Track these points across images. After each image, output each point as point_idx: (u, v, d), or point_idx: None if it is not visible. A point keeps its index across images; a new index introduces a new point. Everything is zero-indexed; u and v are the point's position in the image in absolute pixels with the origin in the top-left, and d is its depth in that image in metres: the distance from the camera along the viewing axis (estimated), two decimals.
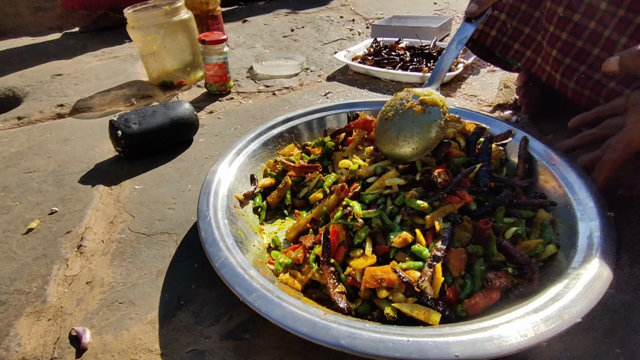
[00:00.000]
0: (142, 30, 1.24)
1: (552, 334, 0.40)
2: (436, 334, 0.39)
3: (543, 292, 0.45)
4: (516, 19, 0.84)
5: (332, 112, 0.88)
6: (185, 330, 0.52)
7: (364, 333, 0.40)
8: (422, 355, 0.37)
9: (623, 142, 0.59)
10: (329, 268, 0.50)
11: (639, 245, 0.61)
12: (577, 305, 0.42)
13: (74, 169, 0.87)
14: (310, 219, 0.63)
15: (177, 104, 0.93)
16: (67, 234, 0.68)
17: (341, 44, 1.78)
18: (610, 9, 0.66)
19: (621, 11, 0.65)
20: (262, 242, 0.64)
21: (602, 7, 0.67)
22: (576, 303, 0.42)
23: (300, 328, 0.41)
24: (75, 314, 0.54)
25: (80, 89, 1.34)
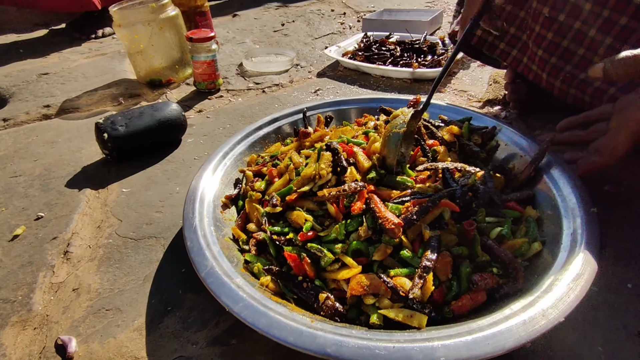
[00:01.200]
0: (128, 28, 1.22)
1: (536, 334, 0.40)
2: (422, 339, 0.40)
3: (527, 292, 0.45)
4: (501, 19, 0.83)
5: (318, 111, 0.87)
6: (172, 337, 0.52)
7: (350, 340, 0.40)
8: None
9: (609, 147, 0.60)
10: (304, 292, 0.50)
11: (623, 243, 0.62)
12: (560, 305, 0.43)
13: (61, 172, 0.86)
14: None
15: (164, 104, 0.92)
16: (53, 239, 0.68)
17: (332, 38, 1.77)
18: (594, 9, 0.66)
19: (606, 12, 0.65)
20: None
21: (586, 7, 0.67)
22: (559, 303, 0.43)
23: (287, 337, 0.41)
24: (61, 322, 0.54)
25: (67, 88, 1.33)
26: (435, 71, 1.20)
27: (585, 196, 0.57)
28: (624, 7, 0.64)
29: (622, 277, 0.57)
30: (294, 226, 0.57)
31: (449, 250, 0.52)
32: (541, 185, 0.63)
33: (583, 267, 0.47)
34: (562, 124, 0.70)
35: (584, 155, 0.64)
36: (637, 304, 0.53)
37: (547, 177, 0.63)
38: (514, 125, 0.97)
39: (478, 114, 0.82)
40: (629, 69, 0.52)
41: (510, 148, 0.74)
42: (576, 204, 0.55)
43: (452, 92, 1.19)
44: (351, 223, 0.54)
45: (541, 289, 0.45)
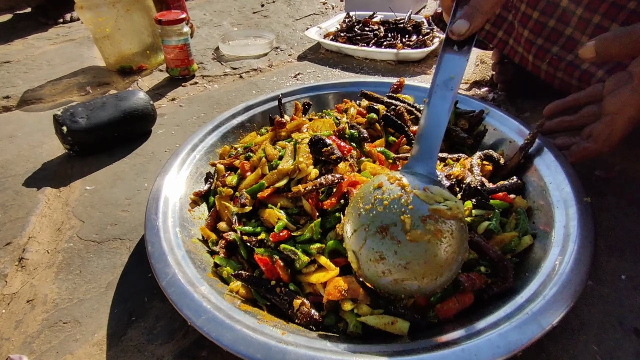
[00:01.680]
0: (92, 10, 1.13)
1: (526, 342, 0.37)
2: (398, 351, 0.36)
3: (516, 295, 0.41)
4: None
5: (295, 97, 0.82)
6: (135, 350, 0.47)
7: (323, 356, 0.36)
8: None
9: (605, 133, 0.56)
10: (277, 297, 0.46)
11: (616, 231, 0.59)
12: (552, 309, 0.39)
13: (18, 169, 0.79)
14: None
15: (129, 93, 0.86)
16: (6, 245, 0.62)
17: (314, 19, 1.69)
18: None
19: None
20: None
21: None
22: (551, 306, 0.39)
23: (254, 354, 0.37)
24: (13, 338, 0.49)
25: (30, 77, 1.24)
26: (421, 52, 1.15)
27: (579, 185, 0.53)
28: None
29: (615, 269, 0.54)
30: (266, 225, 0.53)
31: None
32: (531, 173, 0.60)
33: (576, 267, 0.43)
34: (549, 108, 0.66)
35: (577, 141, 0.60)
36: (632, 297, 0.51)
37: (538, 164, 0.59)
38: (503, 107, 0.93)
39: (465, 96, 0.78)
40: (622, 48, 0.47)
41: (499, 133, 0.70)
42: (569, 193, 0.52)
43: None
44: (329, 220, 0.50)
45: (530, 293, 0.41)
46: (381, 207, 0.40)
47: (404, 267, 0.38)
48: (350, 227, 0.42)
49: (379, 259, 0.39)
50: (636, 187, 0.67)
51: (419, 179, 0.43)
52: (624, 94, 0.55)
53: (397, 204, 0.39)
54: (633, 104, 0.54)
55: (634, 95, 0.54)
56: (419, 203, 0.39)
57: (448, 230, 0.38)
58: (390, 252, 0.38)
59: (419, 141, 0.47)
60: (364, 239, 0.40)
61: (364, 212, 0.40)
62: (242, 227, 0.54)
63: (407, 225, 0.38)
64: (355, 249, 0.41)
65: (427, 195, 0.40)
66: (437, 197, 0.40)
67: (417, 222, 0.38)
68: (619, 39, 0.48)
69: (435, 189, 0.41)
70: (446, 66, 0.49)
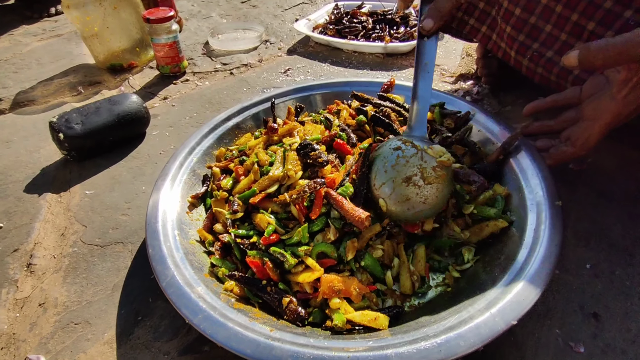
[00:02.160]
0: (78, 9, 1.13)
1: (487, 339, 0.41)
2: (377, 347, 0.40)
3: (482, 296, 0.46)
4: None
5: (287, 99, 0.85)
6: (143, 348, 0.52)
7: (307, 351, 0.40)
8: None
9: (582, 138, 0.60)
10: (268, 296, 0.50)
11: (583, 223, 0.64)
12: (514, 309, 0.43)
13: (18, 175, 0.82)
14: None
15: (122, 97, 0.87)
16: (14, 252, 0.66)
17: (302, 8, 1.69)
18: None
19: None
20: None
21: None
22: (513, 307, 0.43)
23: (245, 350, 0.42)
24: (29, 339, 0.54)
25: (20, 77, 1.24)
26: (408, 45, 1.17)
27: (552, 189, 0.57)
28: None
29: (581, 258, 0.59)
30: (258, 229, 0.57)
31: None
32: (511, 174, 0.63)
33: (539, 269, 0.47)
34: (528, 107, 0.69)
35: (556, 144, 0.64)
36: (594, 284, 0.56)
37: (517, 166, 0.62)
38: (486, 100, 0.97)
39: (453, 97, 0.80)
40: (605, 60, 0.49)
41: (483, 134, 0.73)
42: (542, 196, 0.55)
43: None
44: (316, 223, 0.54)
45: (497, 293, 0.45)
46: (404, 163, 0.54)
47: (423, 202, 0.54)
48: (379, 181, 0.55)
49: (405, 200, 0.54)
50: (605, 178, 0.71)
51: (421, 141, 0.57)
52: (602, 100, 0.58)
53: (415, 159, 0.55)
54: (610, 111, 0.57)
55: (612, 102, 0.57)
56: (429, 158, 0.55)
57: (447, 174, 0.55)
58: (413, 194, 0.53)
59: (412, 113, 0.62)
60: (393, 188, 0.54)
61: (390, 168, 0.55)
62: (236, 230, 0.58)
63: (425, 173, 0.54)
64: (385, 197, 0.54)
65: (433, 151, 0.55)
66: (439, 152, 0.55)
67: (430, 171, 0.54)
68: (602, 50, 0.49)
69: (436, 147, 0.56)
70: (422, 53, 0.62)
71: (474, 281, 0.52)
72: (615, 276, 0.57)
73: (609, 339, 0.50)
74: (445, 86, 1.05)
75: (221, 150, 0.76)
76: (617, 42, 0.47)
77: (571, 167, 0.74)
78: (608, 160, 0.74)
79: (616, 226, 0.63)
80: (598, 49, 0.48)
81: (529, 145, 0.65)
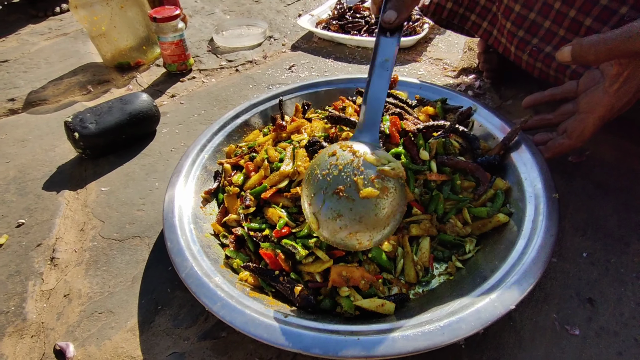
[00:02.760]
0: (86, 9, 1.15)
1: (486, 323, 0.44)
2: (384, 330, 0.44)
3: (482, 283, 0.49)
4: None
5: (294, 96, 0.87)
6: (164, 334, 0.55)
7: (319, 335, 0.44)
8: (369, 353, 0.41)
9: (577, 131, 0.62)
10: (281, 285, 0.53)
11: (580, 213, 0.67)
12: (511, 296, 0.46)
13: (36, 174, 0.85)
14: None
15: (133, 96, 0.90)
16: (38, 247, 0.69)
17: (305, 3, 1.70)
18: None
19: None
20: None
21: None
22: (510, 294, 0.46)
23: (261, 334, 0.45)
24: (57, 328, 0.57)
25: (31, 77, 1.27)
26: (410, 39, 1.18)
27: (550, 181, 0.59)
28: None
29: (578, 247, 0.62)
30: (270, 222, 0.60)
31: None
32: (511, 167, 0.65)
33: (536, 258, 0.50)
34: (527, 100, 0.72)
35: (554, 137, 0.66)
36: (589, 272, 0.59)
37: (517, 159, 0.65)
38: (488, 94, 0.99)
39: (455, 93, 0.82)
40: (597, 55, 0.51)
41: (485, 128, 0.74)
42: (541, 189, 0.58)
43: (427, 61, 1.18)
44: None
45: (494, 281, 0.48)
46: (336, 172, 0.46)
47: (358, 221, 0.45)
48: (309, 193, 0.48)
49: (336, 217, 0.46)
50: (603, 170, 0.73)
51: (367, 146, 0.50)
52: (595, 94, 0.61)
53: (350, 168, 0.46)
54: (604, 104, 0.60)
55: (604, 96, 0.59)
56: (368, 165, 0.46)
57: (393, 187, 0.46)
58: (346, 210, 0.45)
59: (363, 114, 0.55)
60: (323, 200, 0.46)
61: (321, 178, 0.47)
62: (249, 224, 0.61)
63: (360, 184, 0.45)
64: (315, 211, 0.47)
65: (374, 158, 0.47)
66: (382, 159, 0.47)
67: (367, 182, 0.45)
68: (594, 46, 0.52)
69: (381, 153, 0.48)
70: (382, 50, 0.57)
71: (475, 269, 0.55)
72: (611, 264, 0.59)
73: (603, 322, 0.52)
74: (447, 80, 1.07)
75: (231, 147, 0.79)
76: (608, 37, 0.49)
77: (570, 160, 0.76)
78: (606, 153, 0.76)
79: (612, 216, 0.66)
80: (590, 44, 0.50)
81: (528, 139, 0.67)
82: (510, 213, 0.60)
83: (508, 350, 0.50)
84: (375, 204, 0.45)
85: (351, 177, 0.45)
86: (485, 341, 0.51)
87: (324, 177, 0.47)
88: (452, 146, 0.66)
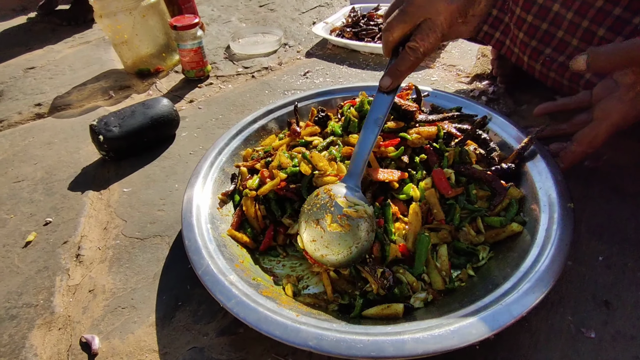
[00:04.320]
0: (110, 18, 1.20)
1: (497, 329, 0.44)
2: (394, 332, 0.44)
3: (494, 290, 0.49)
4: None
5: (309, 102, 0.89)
6: (184, 330, 0.57)
7: (330, 334, 0.45)
8: (379, 353, 0.42)
9: (589, 137, 0.63)
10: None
11: (597, 218, 0.66)
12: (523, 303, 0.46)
13: (62, 175, 0.89)
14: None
15: (155, 101, 0.94)
16: (64, 244, 0.72)
17: (319, 11, 1.73)
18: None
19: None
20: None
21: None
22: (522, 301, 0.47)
23: (274, 331, 0.46)
24: (82, 321, 0.59)
25: (56, 83, 1.32)
26: None
27: (565, 191, 0.59)
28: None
29: (594, 251, 0.62)
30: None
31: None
32: (525, 176, 0.65)
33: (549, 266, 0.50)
34: (539, 109, 0.72)
35: (567, 145, 0.66)
36: (606, 275, 0.59)
37: (532, 168, 0.65)
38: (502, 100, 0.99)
39: (470, 101, 0.82)
40: (611, 63, 0.52)
41: (499, 138, 0.75)
42: (555, 198, 0.58)
43: (441, 67, 1.19)
44: None
45: (506, 288, 0.49)
46: (316, 208, 0.58)
47: (326, 246, 0.56)
48: (300, 220, 0.60)
49: (312, 240, 0.57)
50: (620, 174, 0.73)
51: (346, 190, 0.59)
52: (611, 102, 0.61)
53: (324, 207, 0.57)
54: (618, 111, 0.60)
55: (619, 103, 0.60)
56: (338, 206, 0.57)
57: (355, 225, 0.56)
58: (318, 237, 0.56)
59: (351, 161, 0.62)
60: (305, 228, 0.58)
61: (306, 211, 0.59)
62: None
63: (328, 220, 0.56)
64: (301, 233, 0.59)
65: (344, 201, 0.57)
66: (351, 203, 0.57)
67: (335, 219, 0.56)
68: (609, 54, 0.52)
69: (352, 198, 0.58)
70: (377, 107, 0.63)
71: (487, 276, 0.55)
72: (628, 268, 0.59)
73: (619, 325, 0.52)
74: (461, 86, 1.08)
75: (248, 151, 0.81)
76: (623, 46, 0.50)
77: (586, 164, 0.76)
78: (623, 157, 0.76)
79: (630, 221, 0.66)
80: (604, 53, 0.51)
81: (543, 148, 0.67)
82: (524, 222, 0.60)
83: (523, 351, 0.51)
84: (339, 235, 0.55)
85: (324, 214, 0.57)
86: (500, 342, 0.52)
87: (307, 211, 0.59)
88: (468, 155, 0.67)
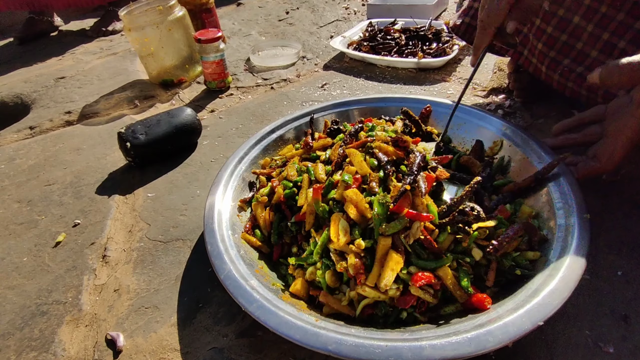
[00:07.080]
0: (138, 31, 1.26)
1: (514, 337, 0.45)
2: (412, 338, 0.45)
3: (510, 299, 0.50)
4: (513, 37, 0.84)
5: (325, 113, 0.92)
6: (205, 330, 0.59)
7: (348, 339, 0.46)
8: (397, 359, 0.43)
9: (607, 153, 0.63)
10: None
11: (615, 231, 0.66)
12: (541, 311, 0.46)
13: (90, 179, 0.93)
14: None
15: (179, 110, 0.98)
16: (91, 245, 0.75)
17: (337, 25, 1.77)
18: (593, 5, 0.68)
19: (603, 7, 0.66)
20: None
21: (585, 2, 0.68)
22: (540, 309, 0.47)
23: (294, 335, 0.47)
24: (108, 319, 0.62)
25: (85, 92, 1.38)
26: (440, 60, 1.22)
27: (581, 202, 0.59)
28: (621, 3, 0.65)
29: (612, 265, 0.62)
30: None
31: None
32: (541, 188, 0.66)
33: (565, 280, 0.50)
34: (557, 127, 0.73)
35: (584, 159, 0.67)
36: (624, 290, 0.58)
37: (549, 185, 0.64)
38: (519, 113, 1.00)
39: (485, 114, 0.83)
40: (624, 78, 0.53)
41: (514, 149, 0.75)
42: (572, 209, 0.58)
43: (457, 81, 1.20)
44: None
45: (523, 298, 0.49)
46: None
47: None
48: None
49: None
50: (638, 188, 0.73)
51: None
52: (623, 117, 0.62)
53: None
54: (631, 127, 0.60)
55: (632, 119, 0.60)
56: None
57: None
58: None
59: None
60: None
61: None
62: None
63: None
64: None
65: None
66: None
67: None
68: (619, 68, 0.54)
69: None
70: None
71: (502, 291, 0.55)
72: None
73: (638, 341, 0.52)
74: (477, 100, 1.09)
75: (266, 160, 0.84)
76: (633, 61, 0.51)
77: (604, 178, 0.76)
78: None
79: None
80: (614, 67, 0.52)
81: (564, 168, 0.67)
82: (545, 239, 0.59)
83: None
84: None
85: None
86: (516, 354, 0.52)
87: None
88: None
